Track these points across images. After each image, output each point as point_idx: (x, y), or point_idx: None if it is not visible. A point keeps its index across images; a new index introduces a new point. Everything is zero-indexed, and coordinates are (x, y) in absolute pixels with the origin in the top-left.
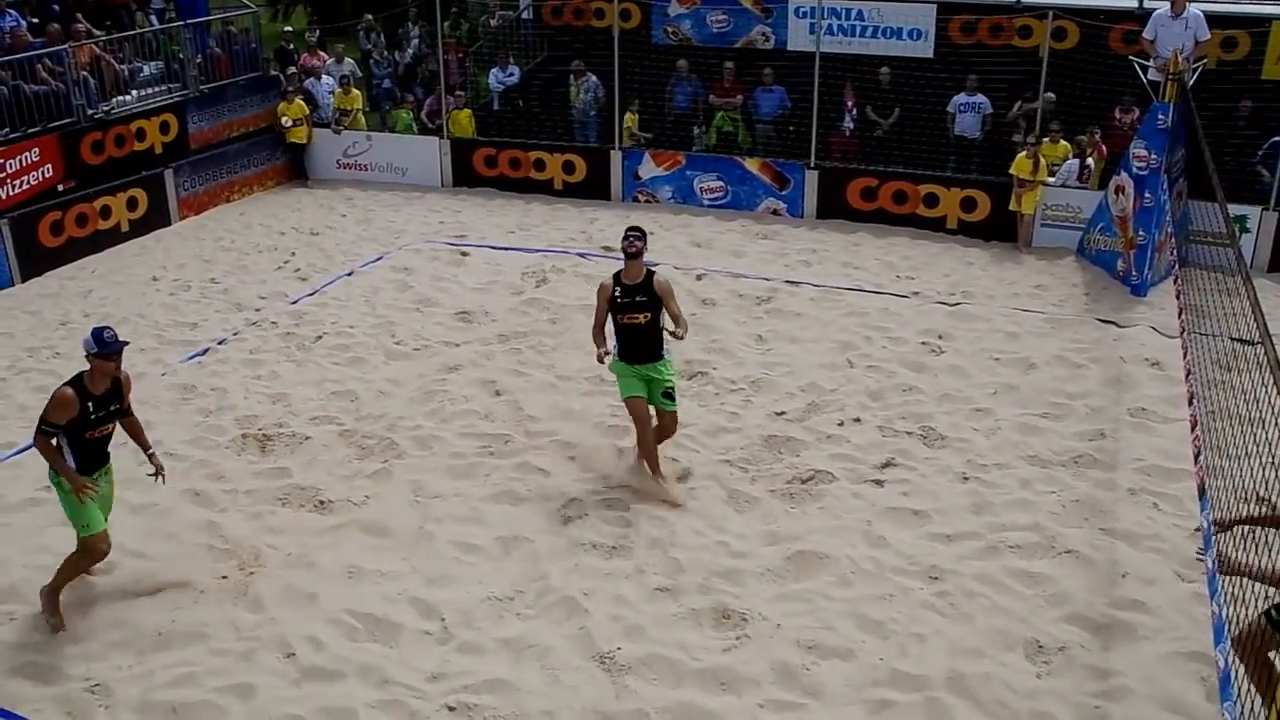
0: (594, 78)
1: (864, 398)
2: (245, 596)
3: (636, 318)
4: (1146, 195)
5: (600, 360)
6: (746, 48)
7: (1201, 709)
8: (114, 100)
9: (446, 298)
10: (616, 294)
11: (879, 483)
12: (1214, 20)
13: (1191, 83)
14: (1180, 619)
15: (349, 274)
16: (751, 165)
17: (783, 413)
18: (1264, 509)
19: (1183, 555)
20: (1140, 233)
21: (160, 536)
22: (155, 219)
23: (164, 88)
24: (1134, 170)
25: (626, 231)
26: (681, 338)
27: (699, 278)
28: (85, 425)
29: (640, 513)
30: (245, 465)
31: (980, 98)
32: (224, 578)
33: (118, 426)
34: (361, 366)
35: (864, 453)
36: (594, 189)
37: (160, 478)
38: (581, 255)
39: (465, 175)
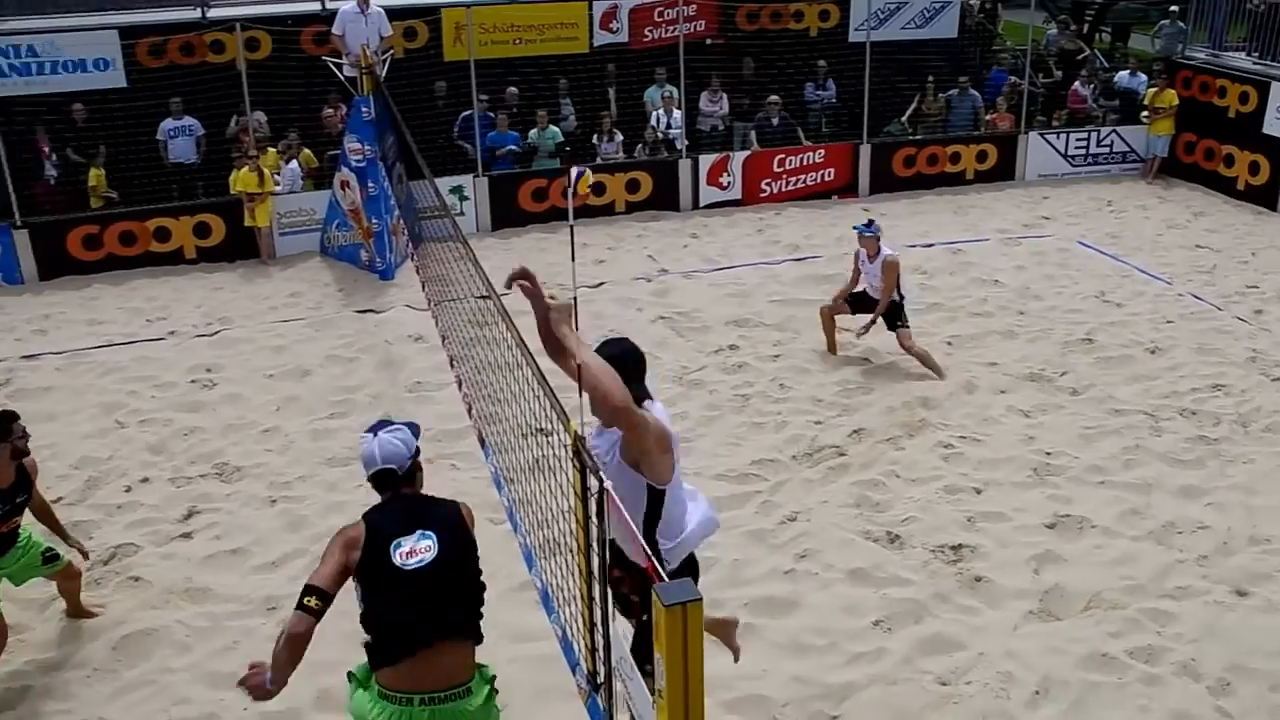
0: None
1: (146, 455)
2: None
3: (14, 522)
4: (370, 185)
5: None
6: None
7: (540, 626)
8: None
9: None
10: None
11: (188, 536)
12: (392, 14)
13: (384, 74)
14: (503, 558)
15: None
16: None
17: (60, 498)
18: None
19: (489, 502)
20: (373, 221)
21: None
22: None
23: None
24: (352, 164)
25: (10, 426)
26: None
27: None
28: None
29: None
30: None
31: (189, 120)
32: None
33: None
34: None
35: (162, 511)
36: None
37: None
38: None
39: None
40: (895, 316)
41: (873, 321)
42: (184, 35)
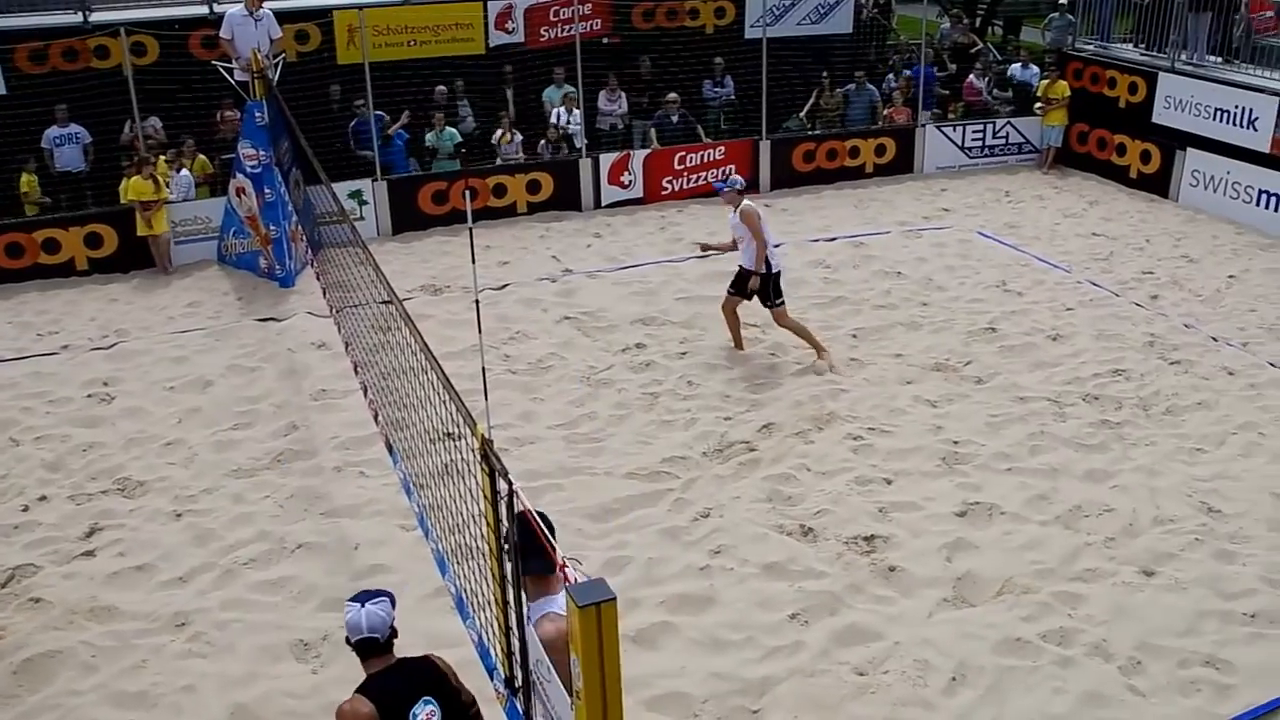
0: None
1: (43, 472)
2: None
3: None
4: (266, 191)
5: None
6: None
7: (456, 632)
8: None
9: None
10: None
11: (90, 554)
12: (282, 16)
13: (276, 78)
14: (416, 565)
15: None
16: None
17: None
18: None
19: (398, 509)
20: (271, 228)
21: None
22: None
23: None
24: (248, 170)
25: None
26: None
27: None
28: None
29: None
30: None
31: (76, 127)
32: None
33: None
34: None
35: (62, 530)
36: None
37: None
38: None
39: None
40: (767, 293)
41: (754, 276)
42: (66, 40)
